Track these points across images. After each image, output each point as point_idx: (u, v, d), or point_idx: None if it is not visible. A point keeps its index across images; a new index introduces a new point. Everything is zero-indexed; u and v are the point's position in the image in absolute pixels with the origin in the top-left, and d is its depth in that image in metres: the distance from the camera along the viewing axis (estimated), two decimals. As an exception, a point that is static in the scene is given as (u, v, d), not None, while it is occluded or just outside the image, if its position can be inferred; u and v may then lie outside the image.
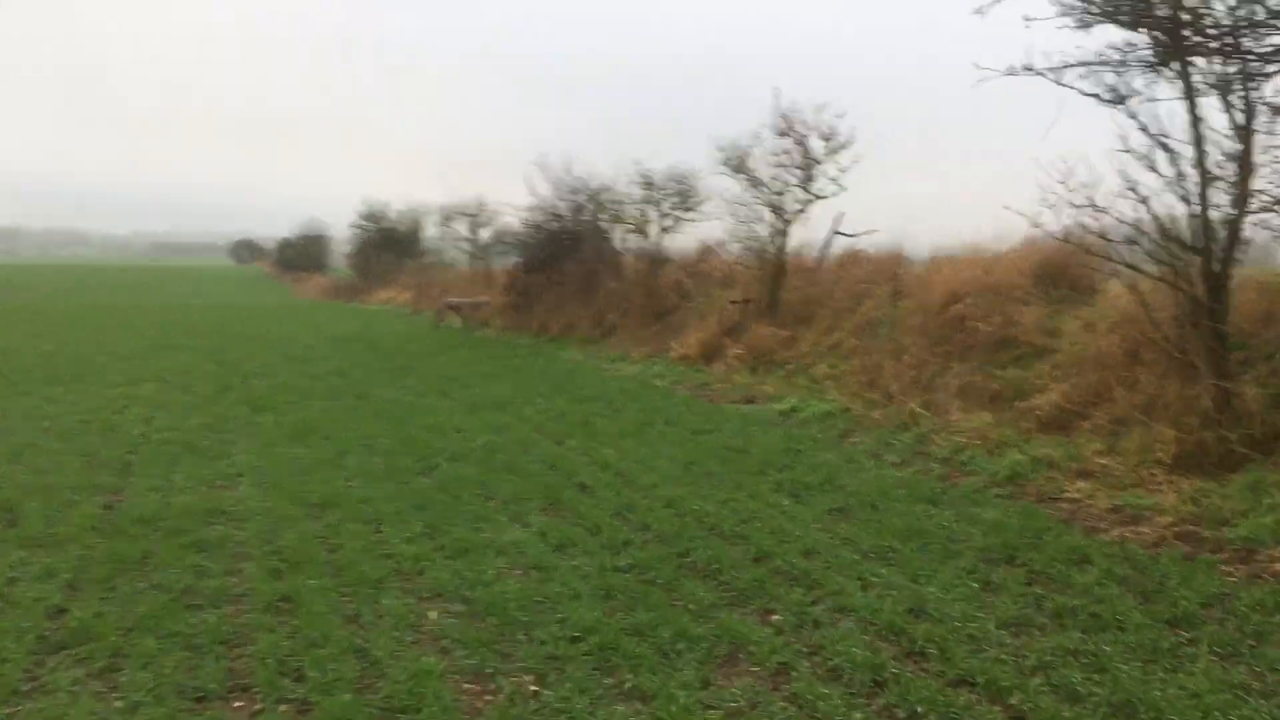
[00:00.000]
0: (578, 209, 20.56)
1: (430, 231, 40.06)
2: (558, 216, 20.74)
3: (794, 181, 13.98)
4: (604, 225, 20.40)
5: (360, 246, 45.02)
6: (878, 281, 13.54)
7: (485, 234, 30.83)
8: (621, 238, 19.33)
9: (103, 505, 7.22)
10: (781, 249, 13.85)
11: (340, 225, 59.18)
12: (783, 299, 13.86)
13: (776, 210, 13.94)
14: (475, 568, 5.78)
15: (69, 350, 17.45)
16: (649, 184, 18.22)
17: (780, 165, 13.85)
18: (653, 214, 18.45)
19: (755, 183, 13.90)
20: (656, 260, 18.28)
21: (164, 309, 32.57)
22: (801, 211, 13.91)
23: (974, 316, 10.74)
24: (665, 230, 18.40)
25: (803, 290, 14.03)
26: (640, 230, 18.61)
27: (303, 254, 69.75)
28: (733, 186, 14.11)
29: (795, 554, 5.87)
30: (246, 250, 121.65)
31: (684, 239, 18.72)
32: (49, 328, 22.90)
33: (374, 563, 5.88)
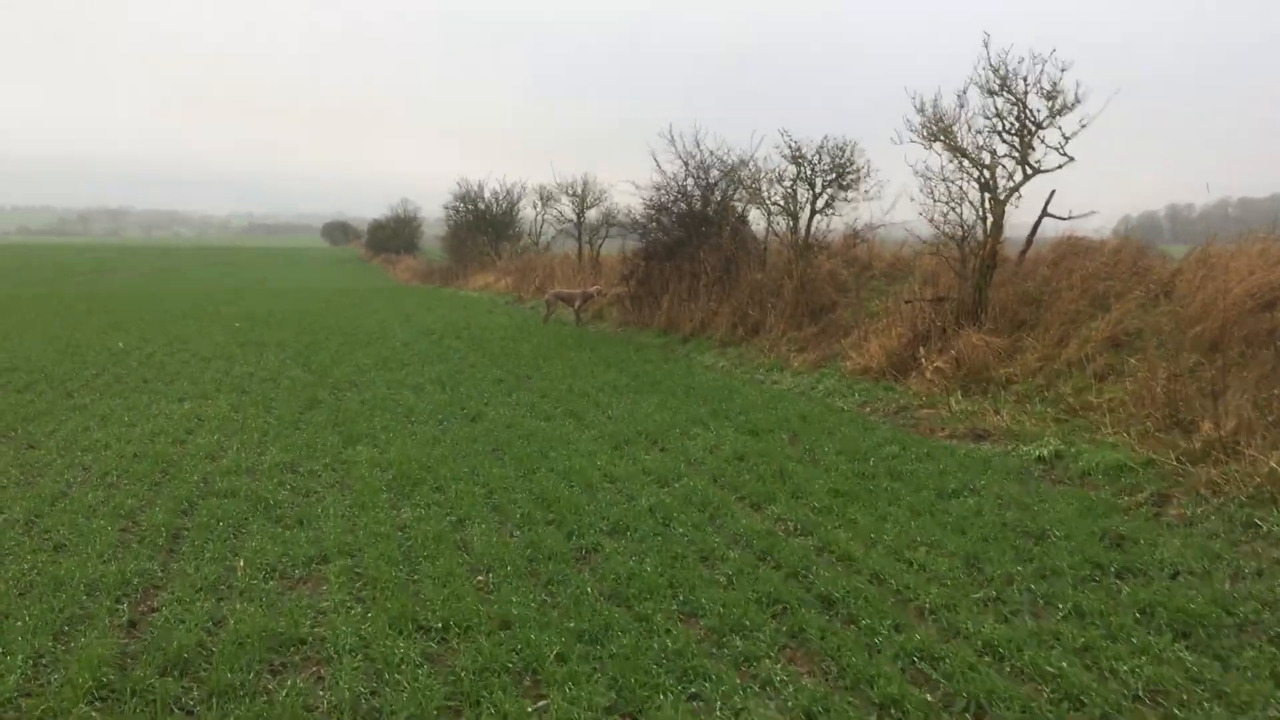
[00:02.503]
0: (709, 187, 17.90)
1: (528, 213, 37.80)
2: (686, 195, 18.10)
3: (1005, 151, 11.15)
4: (741, 206, 17.72)
5: (453, 229, 42.92)
6: (1119, 277, 10.68)
7: (592, 215, 28.31)
8: (769, 220, 16.59)
9: (125, 624, 4.89)
10: (997, 235, 11.02)
11: (433, 206, 57.70)
12: (992, 298, 11.06)
13: (987, 187, 11.11)
14: (725, 814, 3.25)
15: (142, 349, 15.44)
16: (799, 157, 15.45)
17: (992, 131, 11.01)
18: (804, 193, 15.69)
19: (961, 153, 11.07)
20: (809, 248, 15.52)
21: (253, 294, 30.82)
22: (1017, 189, 11.07)
23: (1303, 329, 7.89)
24: (818, 212, 15.63)
25: (1015, 286, 11.20)
26: (789, 212, 15.86)
27: (394, 236, 68.84)
28: (925, 159, 11.29)
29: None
30: (340, 231, 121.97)
31: (839, 222, 15.90)
32: (129, 318, 21.08)
33: (547, 793, 3.39)
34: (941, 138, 11.17)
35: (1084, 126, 10.89)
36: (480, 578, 5.58)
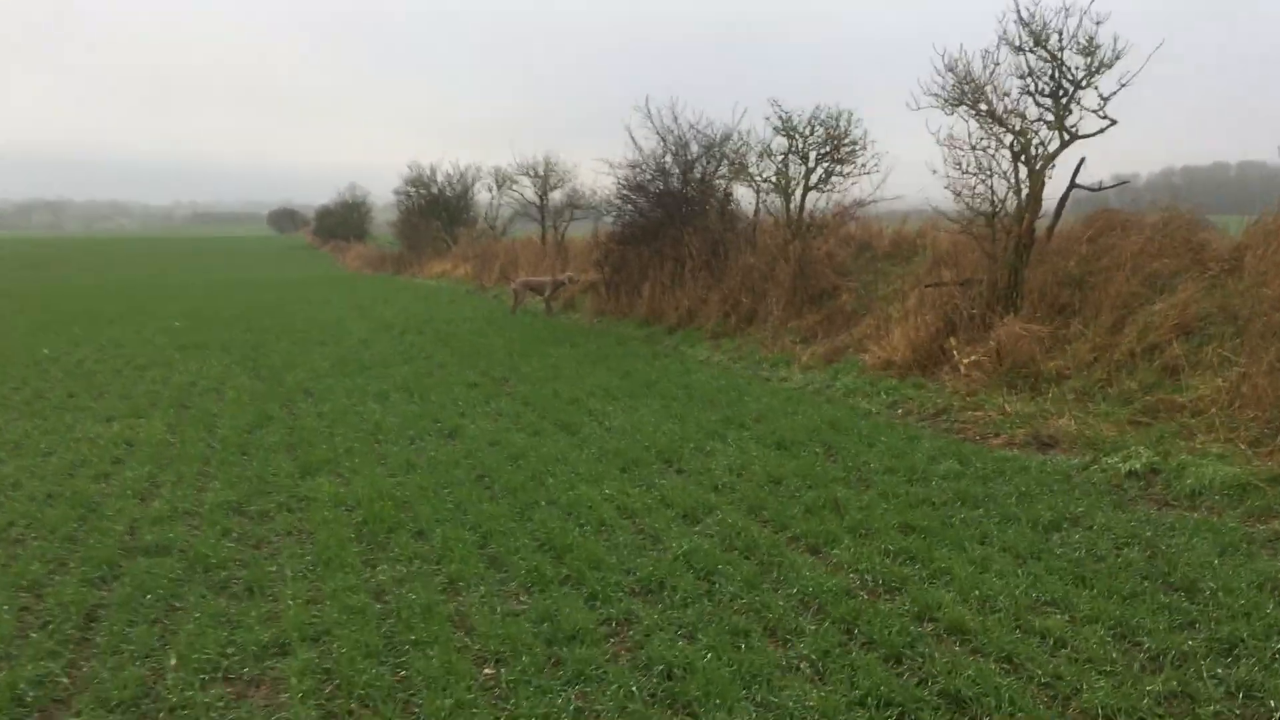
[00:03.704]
0: (689, 164, 16.56)
1: (484, 196, 36.11)
2: (664, 173, 16.75)
3: (1037, 115, 9.95)
4: (726, 183, 16.41)
5: (405, 214, 41.10)
6: (1172, 254, 9.53)
7: (556, 197, 26.82)
8: (761, 199, 15.30)
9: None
10: (1035, 209, 9.81)
11: (383, 191, 55.94)
12: (1028, 279, 9.87)
13: (1022, 155, 9.89)
14: None
15: (70, 355, 13.86)
16: (790, 129, 14.16)
17: (1024, 92, 9.80)
18: (796, 168, 14.41)
19: (994, 118, 9.84)
20: (805, 228, 14.26)
21: (198, 288, 28.97)
22: (1053, 156, 9.87)
23: None
24: (812, 188, 14.36)
25: (1052, 266, 10.01)
26: (781, 189, 14.58)
27: (343, 222, 66.81)
28: (949, 125, 10.07)
29: None
30: (287, 219, 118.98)
31: (837, 198, 14.61)
32: (59, 319, 19.37)
33: None
34: (969, 101, 9.91)
35: (1124, 86, 9.73)
36: (489, 670, 4.28)
